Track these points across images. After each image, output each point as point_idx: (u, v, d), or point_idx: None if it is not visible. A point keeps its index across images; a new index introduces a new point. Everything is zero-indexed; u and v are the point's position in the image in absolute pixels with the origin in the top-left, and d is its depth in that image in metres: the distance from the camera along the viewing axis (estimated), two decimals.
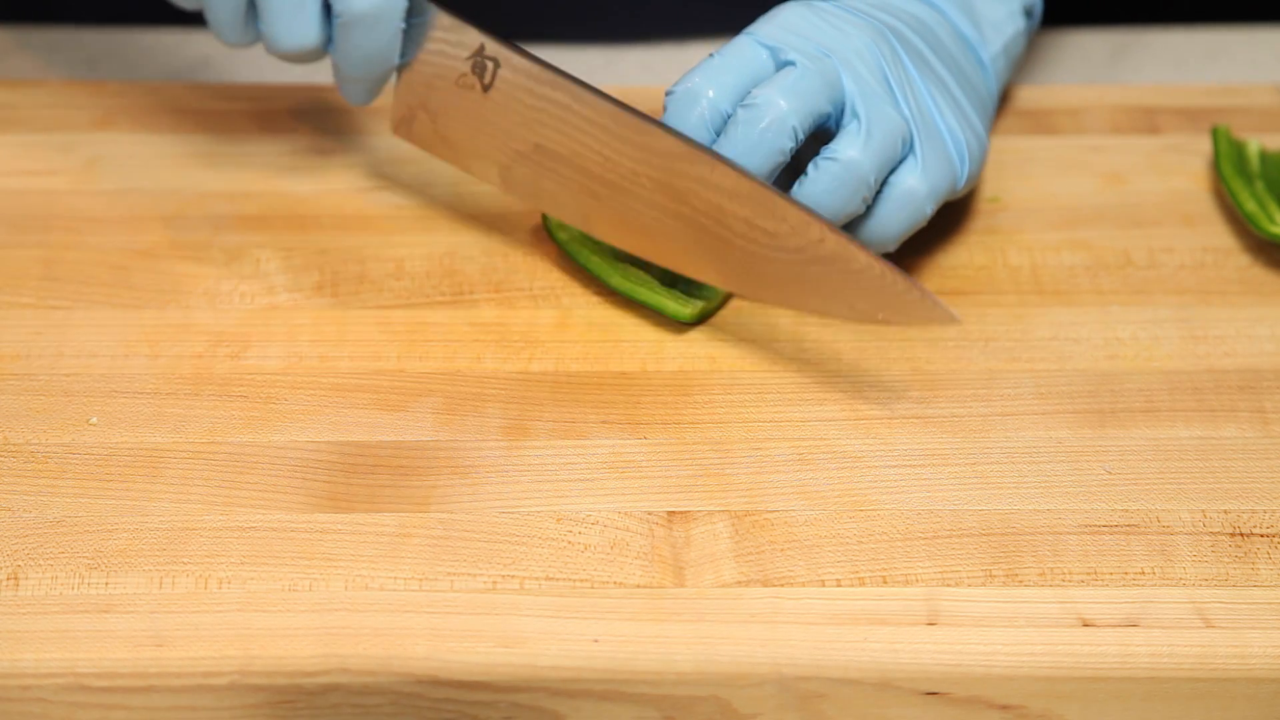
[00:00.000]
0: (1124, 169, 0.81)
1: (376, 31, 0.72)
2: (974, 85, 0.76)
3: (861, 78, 0.69)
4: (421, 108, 0.74)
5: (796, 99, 0.68)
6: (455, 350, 0.71)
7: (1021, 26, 0.79)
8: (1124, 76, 0.91)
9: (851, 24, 0.71)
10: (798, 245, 0.67)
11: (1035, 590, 0.62)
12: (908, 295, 0.66)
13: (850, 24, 0.71)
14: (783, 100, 0.68)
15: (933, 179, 0.70)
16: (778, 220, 0.67)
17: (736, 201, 0.68)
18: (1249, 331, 0.72)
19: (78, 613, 0.61)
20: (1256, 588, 0.62)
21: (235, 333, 0.71)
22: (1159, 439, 0.67)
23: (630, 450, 0.67)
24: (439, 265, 0.75)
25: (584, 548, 0.63)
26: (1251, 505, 0.65)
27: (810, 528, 0.64)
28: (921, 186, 0.69)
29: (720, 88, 0.69)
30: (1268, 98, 0.85)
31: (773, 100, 0.68)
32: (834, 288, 0.67)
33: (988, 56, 0.77)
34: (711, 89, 0.69)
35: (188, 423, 0.67)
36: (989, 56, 0.77)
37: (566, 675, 0.60)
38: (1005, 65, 0.79)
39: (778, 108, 0.68)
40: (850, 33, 0.70)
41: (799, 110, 0.68)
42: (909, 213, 0.70)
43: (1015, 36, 0.79)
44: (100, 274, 0.74)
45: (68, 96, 0.83)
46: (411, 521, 0.64)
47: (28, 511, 0.64)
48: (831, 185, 0.68)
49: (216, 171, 0.79)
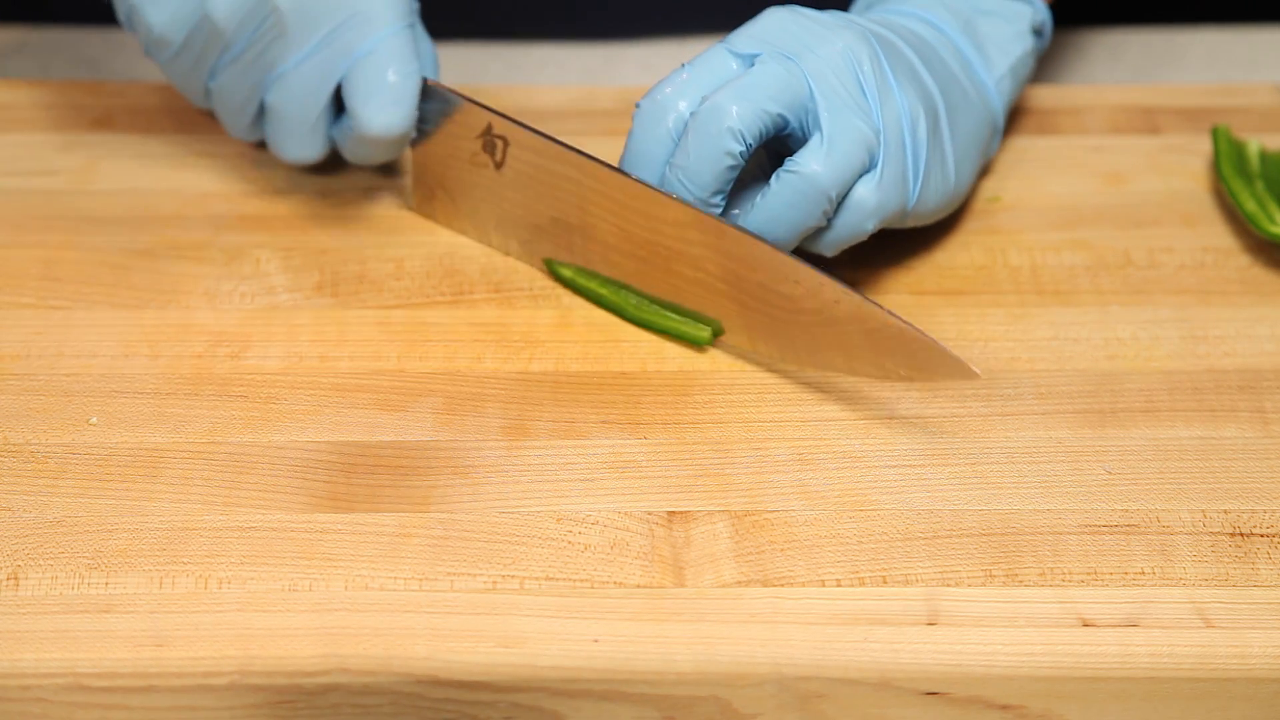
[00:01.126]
0: (1124, 169, 0.81)
1: (390, 147, 0.73)
2: (973, 108, 0.74)
3: (831, 86, 0.68)
4: (440, 187, 0.75)
5: (744, 102, 0.67)
6: (455, 350, 0.71)
7: (1030, 46, 0.77)
8: (1124, 76, 0.91)
9: (834, 29, 0.69)
10: (814, 307, 0.67)
11: (1035, 590, 0.62)
12: (928, 351, 0.65)
13: (832, 30, 0.69)
14: (730, 104, 0.67)
15: (884, 195, 0.68)
16: (792, 284, 0.67)
17: (750, 267, 0.68)
18: (1249, 331, 0.72)
19: (78, 613, 0.61)
20: (1256, 588, 0.62)
21: (235, 333, 0.71)
22: (1159, 439, 0.67)
23: (630, 450, 0.67)
24: (439, 265, 0.75)
25: (584, 548, 0.63)
26: (1252, 505, 0.65)
27: (810, 528, 0.64)
28: (871, 199, 0.68)
29: (692, 100, 0.69)
30: (1268, 98, 0.85)
31: (720, 105, 0.67)
32: (855, 347, 0.67)
33: (992, 79, 0.76)
34: (683, 102, 0.69)
35: (188, 423, 0.67)
36: (994, 79, 0.76)
37: (566, 675, 0.60)
38: (1011, 87, 0.77)
39: (723, 111, 0.67)
40: (828, 38, 0.68)
41: (745, 114, 0.67)
42: (853, 223, 0.68)
43: (1023, 57, 0.77)
44: (100, 274, 0.74)
45: (68, 96, 0.83)
46: (411, 521, 0.64)
47: (28, 511, 0.64)
48: (791, 198, 0.67)
49: (216, 172, 0.79)
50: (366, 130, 0.71)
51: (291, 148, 0.73)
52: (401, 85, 0.71)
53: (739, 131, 0.67)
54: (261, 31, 0.71)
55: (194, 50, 0.72)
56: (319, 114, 0.72)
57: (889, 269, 0.75)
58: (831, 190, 0.67)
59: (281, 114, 0.72)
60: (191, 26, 0.71)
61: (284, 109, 0.72)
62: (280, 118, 0.73)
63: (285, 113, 0.72)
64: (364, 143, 0.72)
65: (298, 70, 0.71)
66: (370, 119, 0.71)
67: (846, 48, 0.68)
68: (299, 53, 0.71)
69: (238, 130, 0.75)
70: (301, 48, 0.71)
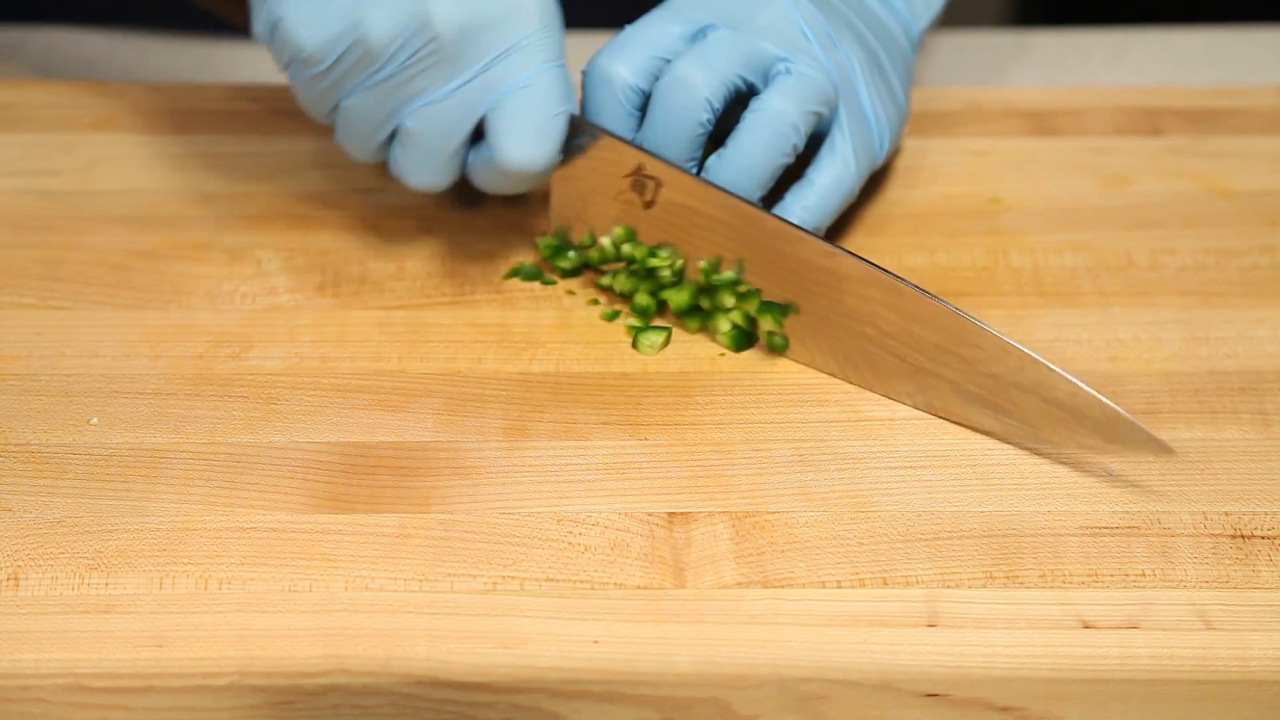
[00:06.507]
0: (1126, 170, 0.81)
1: (529, 180, 0.70)
2: (902, 55, 0.77)
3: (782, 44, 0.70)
4: (579, 220, 0.73)
5: (709, 70, 0.68)
6: (456, 351, 0.71)
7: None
8: (1124, 76, 0.91)
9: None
10: (994, 372, 0.66)
11: (1036, 592, 0.62)
12: (1117, 423, 0.64)
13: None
14: (695, 73, 0.68)
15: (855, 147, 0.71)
16: (973, 348, 0.66)
17: (929, 328, 0.67)
18: (1250, 333, 0.72)
19: (78, 613, 0.61)
20: (1257, 589, 0.62)
21: (236, 333, 0.71)
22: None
23: (631, 451, 0.67)
24: (440, 266, 0.75)
25: (584, 549, 0.63)
26: (1253, 507, 0.65)
27: (811, 529, 0.64)
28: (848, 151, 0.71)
29: (632, 64, 0.69)
30: (1268, 98, 0.85)
31: (686, 75, 0.68)
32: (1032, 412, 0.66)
33: (917, 30, 0.79)
34: (621, 65, 0.69)
35: (188, 423, 0.67)
36: (919, 30, 0.79)
37: (566, 676, 0.60)
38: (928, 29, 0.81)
39: (690, 81, 0.68)
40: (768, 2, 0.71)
41: (711, 82, 0.69)
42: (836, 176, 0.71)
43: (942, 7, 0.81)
44: (101, 274, 0.74)
45: (69, 97, 0.83)
46: (412, 522, 0.64)
47: (28, 511, 0.64)
48: (759, 134, 0.69)
49: (218, 172, 0.79)
50: (508, 164, 0.68)
51: (422, 175, 0.70)
52: (551, 122, 0.69)
53: (708, 100, 0.69)
54: (417, 57, 0.67)
55: (339, 70, 0.68)
56: (460, 143, 0.70)
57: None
58: (800, 124, 0.69)
59: (420, 141, 0.69)
60: (345, 48, 0.68)
61: (424, 136, 0.69)
62: (417, 144, 0.69)
63: (424, 140, 0.69)
64: (504, 176, 0.70)
65: (451, 98, 0.68)
66: (514, 153, 0.68)
67: (786, 11, 0.71)
68: (453, 82, 0.68)
69: (360, 152, 0.71)
70: (456, 78, 0.68)
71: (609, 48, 0.70)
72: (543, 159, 0.69)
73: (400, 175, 0.71)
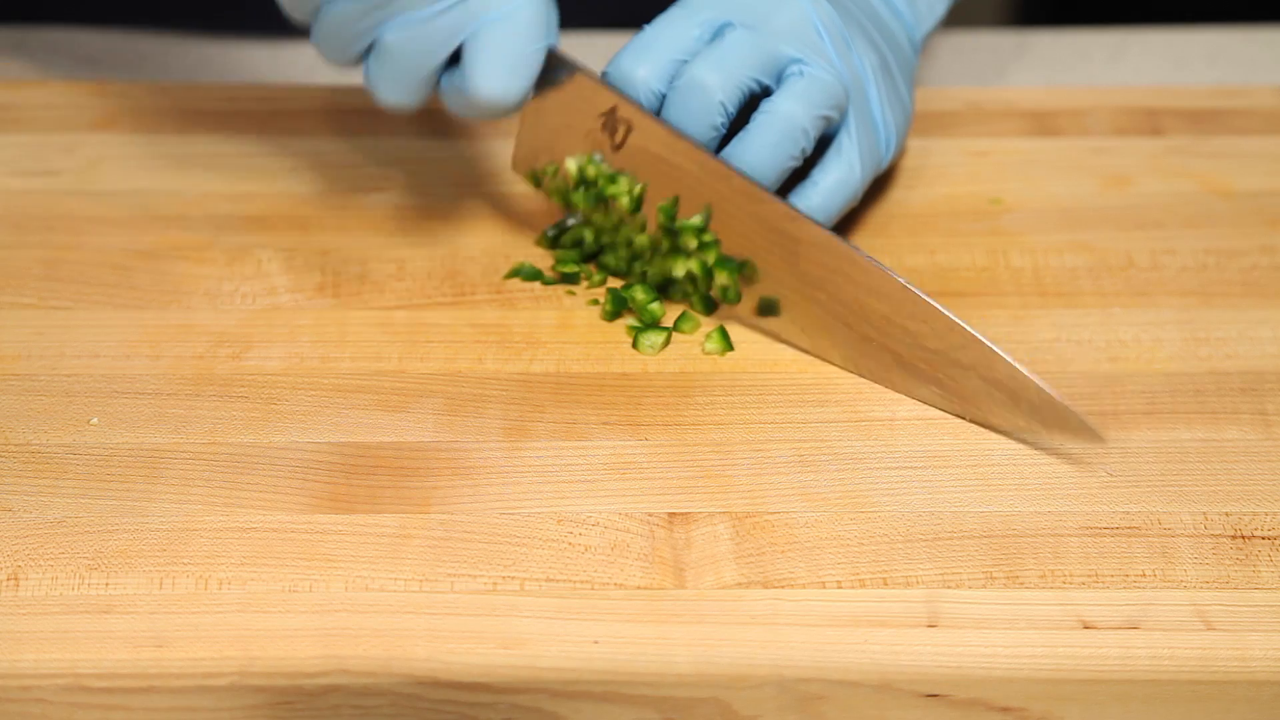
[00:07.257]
0: (1126, 170, 0.81)
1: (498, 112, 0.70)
2: (907, 60, 0.77)
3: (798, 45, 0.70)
4: (546, 152, 0.73)
5: (723, 73, 0.69)
6: (456, 351, 0.71)
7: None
8: (1124, 77, 0.91)
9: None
10: (938, 348, 0.67)
11: (1036, 592, 0.62)
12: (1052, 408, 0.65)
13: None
14: (710, 76, 0.68)
15: (862, 150, 0.71)
16: (919, 321, 0.67)
17: (877, 297, 0.68)
18: (1251, 334, 0.72)
19: (78, 613, 0.61)
20: (1258, 590, 0.62)
21: (237, 333, 0.71)
22: (1161, 441, 0.67)
23: (631, 451, 0.67)
24: (440, 266, 0.75)
25: (584, 549, 0.63)
26: (1253, 508, 0.65)
27: (811, 529, 0.64)
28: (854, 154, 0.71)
29: (653, 66, 0.70)
30: (1268, 98, 0.85)
31: (701, 78, 0.69)
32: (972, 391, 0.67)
33: (920, 35, 0.79)
34: (643, 68, 0.70)
35: (189, 423, 0.67)
36: (921, 35, 0.79)
37: (567, 677, 0.60)
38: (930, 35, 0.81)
39: (705, 84, 0.68)
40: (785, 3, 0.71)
41: (725, 85, 0.69)
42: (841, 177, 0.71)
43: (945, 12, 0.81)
44: (102, 274, 0.74)
45: (69, 97, 0.83)
46: (412, 523, 0.64)
47: (28, 511, 0.64)
48: (769, 136, 0.69)
49: (218, 172, 0.79)
50: (477, 95, 0.68)
51: (395, 92, 0.70)
52: (526, 57, 0.69)
53: (723, 104, 0.69)
54: None
55: None
56: (436, 66, 0.69)
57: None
58: (810, 128, 0.69)
59: (397, 57, 0.69)
60: None
61: (402, 53, 0.69)
62: (394, 60, 0.69)
63: (402, 57, 0.69)
64: (474, 106, 0.70)
65: (432, 20, 0.68)
66: (485, 85, 0.68)
67: (803, 12, 0.71)
68: (438, 4, 0.68)
69: (337, 58, 0.71)
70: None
71: (630, 50, 0.70)
72: (513, 94, 0.69)
73: (373, 90, 0.71)
